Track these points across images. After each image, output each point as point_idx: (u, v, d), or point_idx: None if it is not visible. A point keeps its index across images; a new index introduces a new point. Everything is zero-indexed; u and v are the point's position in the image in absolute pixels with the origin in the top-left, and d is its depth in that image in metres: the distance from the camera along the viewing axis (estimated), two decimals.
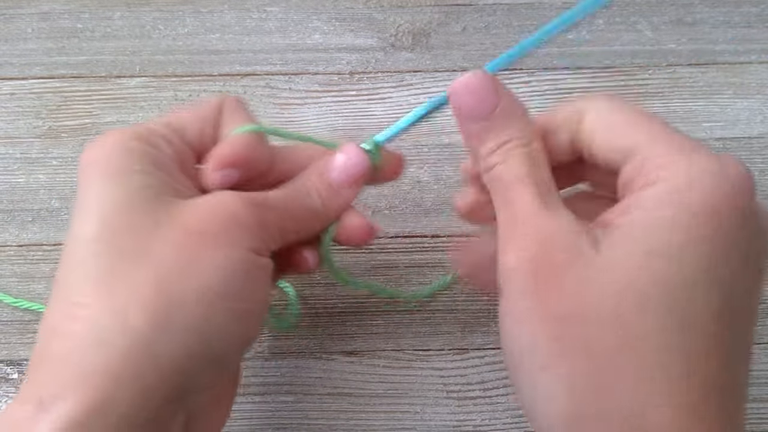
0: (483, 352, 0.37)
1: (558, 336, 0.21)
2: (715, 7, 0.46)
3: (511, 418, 0.35)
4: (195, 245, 0.24)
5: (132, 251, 0.24)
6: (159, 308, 0.23)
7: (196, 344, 0.23)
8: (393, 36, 0.46)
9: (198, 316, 0.23)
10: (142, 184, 0.25)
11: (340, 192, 0.29)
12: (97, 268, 0.24)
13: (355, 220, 0.30)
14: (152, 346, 0.23)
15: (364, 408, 0.36)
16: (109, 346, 0.22)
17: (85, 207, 0.25)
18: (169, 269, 0.24)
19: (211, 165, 0.28)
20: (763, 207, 0.23)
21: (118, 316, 0.23)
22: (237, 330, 0.25)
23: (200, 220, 0.25)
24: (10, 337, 0.38)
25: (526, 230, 0.23)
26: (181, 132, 0.29)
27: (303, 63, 0.45)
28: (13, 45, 0.46)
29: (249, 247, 0.25)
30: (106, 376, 0.22)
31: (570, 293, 0.22)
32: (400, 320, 0.38)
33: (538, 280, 0.22)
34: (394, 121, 0.43)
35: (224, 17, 0.46)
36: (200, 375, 0.24)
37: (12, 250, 0.40)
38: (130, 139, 0.27)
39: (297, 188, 0.29)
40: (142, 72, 0.45)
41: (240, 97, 0.31)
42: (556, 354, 0.21)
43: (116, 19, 0.46)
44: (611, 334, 0.21)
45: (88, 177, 0.26)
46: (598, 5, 0.25)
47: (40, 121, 0.43)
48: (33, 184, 0.41)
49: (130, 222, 0.24)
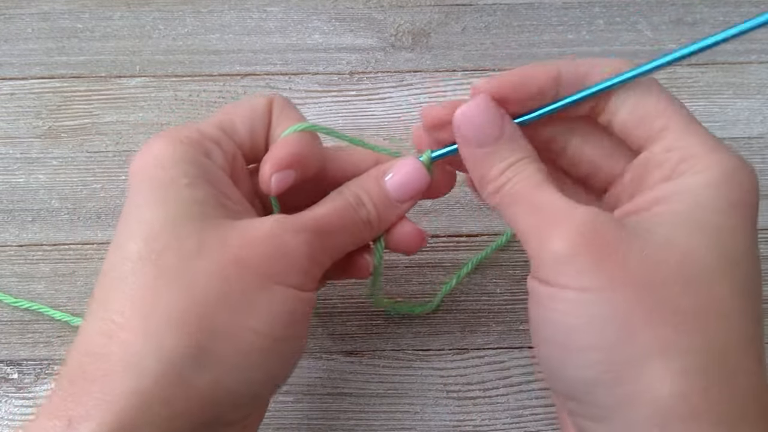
0: (483, 352, 0.37)
1: (638, 301, 0.22)
2: (715, 7, 0.46)
3: (510, 418, 0.35)
4: (240, 278, 0.24)
5: (174, 274, 0.23)
6: (196, 338, 0.22)
7: (230, 379, 0.23)
8: (393, 36, 0.46)
9: (235, 352, 0.23)
10: (189, 200, 0.25)
11: (397, 205, 0.29)
12: (137, 288, 0.23)
13: (407, 227, 0.30)
14: (185, 375, 0.22)
15: (364, 408, 0.36)
16: (140, 369, 0.22)
17: (130, 220, 0.25)
18: (211, 299, 0.23)
19: (268, 168, 0.27)
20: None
21: (153, 341, 0.22)
22: (274, 368, 0.25)
23: (248, 251, 0.24)
24: (10, 337, 0.38)
25: (566, 222, 0.23)
26: (231, 133, 0.28)
27: (303, 63, 0.45)
28: (13, 45, 0.46)
29: (296, 284, 0.25)
30: (134, 400, 0.22)
31: (637, 266, 0.22)
32: (400, 320, 0.38)
33: (597, 259, 0.22)
34: (394, 120, 0.43)
35: (224, 17, 0.46)
36: (232, 409, 0.24)
37: (12, 250, 0.40)
38: (180, 144, 0.26)
39: (348, 199, 0.28)
40: (142, 72, 0.45)
41: (287, 98, 0.30)
42: (640, 320, 0.22)
43: (116, 19, 0.46)
44: (692, 297, 0.22)
45: (135, 187, 0.25)
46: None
47: (40, 121, 0.43)
48: (33, 184, 0.41)
49: (174, 242, 0.24)
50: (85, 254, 0.40)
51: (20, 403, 0.36)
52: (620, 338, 0.22)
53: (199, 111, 0.43)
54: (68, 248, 0.40)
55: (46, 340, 0.38)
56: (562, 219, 0.23)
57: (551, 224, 0.24)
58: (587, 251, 0.22)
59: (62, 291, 0.39)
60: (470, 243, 0.39)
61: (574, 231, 0.23)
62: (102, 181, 0.41)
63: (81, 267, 0.39)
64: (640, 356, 0.21)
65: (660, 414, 0.21)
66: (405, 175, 0.28)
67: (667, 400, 0.21)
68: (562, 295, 0.23)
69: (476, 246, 0.39)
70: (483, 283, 0.39)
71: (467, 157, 0.26)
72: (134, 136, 0.43)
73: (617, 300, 0.22)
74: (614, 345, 0.22)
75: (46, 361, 0.37)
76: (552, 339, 0.24)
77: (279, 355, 0.25)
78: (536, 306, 0.24)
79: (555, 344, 0.23)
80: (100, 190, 0.41)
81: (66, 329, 0.38)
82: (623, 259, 0.22)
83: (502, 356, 0.37)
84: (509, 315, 0.38)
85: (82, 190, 0.41)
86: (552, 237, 0.23)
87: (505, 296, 0.38)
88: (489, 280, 0.39)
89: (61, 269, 0.39)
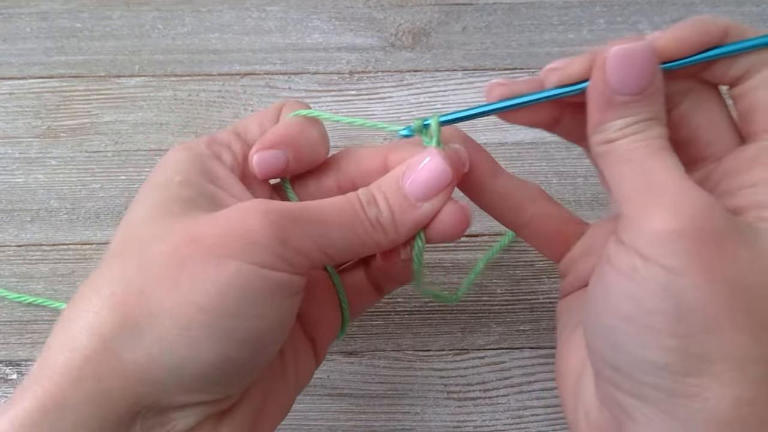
0: (483, 353, 0.37)
1: (729, 299, 0.21)
2: (717, 7, 0.46)
3: (511, 419, 0.35)
4: (190, 255, 0.23)
5: (131, 259, 0.24)
6: (133, 315, 0.22)
7: (167, 356, 0.22)
8: (393, 35, 0.46)
9: (174, 328, 0.22)
10: (174, 197, 0.25)
11: (417, 205, 0.26)
12: (98, 275, 0.24)
13: (446, 208, 0.26)
14: (117, 350, 0.22)
15: (364, 409, 0.36)
16: (75, 345, 0.22)
17: (123, 218, 0.26)
18: (156, 277, 0.23)
19: (253, 149, 0.27)
20: None
21: (90, 318, 0.22)
22: (225, 348, 0.23)
23: (205, 229, 0.24)
24: (9, 337, 0.38)
25: (678, 200, 0.22)
26: (244, 134, 0.29)
27: (303, 62, 0.45)
28: (12, 44, 0.45)
29: (253, 260, 0.23)
30: (65, 375, 0.22)
31: (743, 262, 0.21)
32: (400, 320, 0.38)
33: (701, 247, 0.21)
34: (394, 120, 0.43)
35: (223, 16, 0.46)
36: (178, 390, 0.23)
37: (11, 250, 0.40)
38: (186, 150, 0.27)
39: (354, 196, 0.26)
40: (141, 71, 0.45)
41: (301, 101, 0.30)
42: (726, 318, 0.21)
43: (115, 18, 0.46)
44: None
45: (140, 189, 0.26)
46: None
47: (39, 120, 0.43)
48: (32, 184, 0.41)
49: (145, 234, 0.24)
50: (84, 254, 0.39)
51: None
52: (701, 331, 0.21)
53: (199, 111, 0.43)
54: (67, 248, 0.40)
55: (45, 341, 0.37)
56: (675, 195, 0.22)
57: (661, 196, 0.22)
58: (693, 237, 0.21)
59: (61, 291, 0.38)
60: (470, 243, 0.39)
61: (685, 212, 0.22)
62: (101, 181, 0.41)
63: (80, 267, 0.39)
64: (715, 354, 0.21)
65: (721, 413, 0.21)
66: (421, 171, 0.26)
67: (732, 401, 0.21)
68: (649, 271, 0.22)
69: (476, 246, 0.39)
70: (483, 283, 0.38)
71: (596, 97, 0.24)
72: (133, 136, 0.43)
73: (709, 292, 0.21)
74: (693, 336, 0.21)
75: None
76: (625, 312, 0.22)
77: (229, 333, 0.23)
78: (615, 273, 0.23)
79: (626, 318, 0.22)
80: (99, 190, 0.41)
81: None
82: (729, 256, 0.21)
83: (502, 357, 0.37)
84: (510, 315, 0.38)
85: (81, 190, 0.41)
86: (658, 210, 0.22)
87: (506, 296, 0.38)
88: (490, 281, 0.39)
89: (60, 269, 0.39)
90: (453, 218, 0.27)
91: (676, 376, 0.21)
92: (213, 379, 0.23)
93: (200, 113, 0.43)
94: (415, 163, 0.26)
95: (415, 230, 0.26)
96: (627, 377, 0.23)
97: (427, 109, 0.43)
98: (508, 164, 0.41)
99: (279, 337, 0.25)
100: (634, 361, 0.22)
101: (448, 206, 0.26)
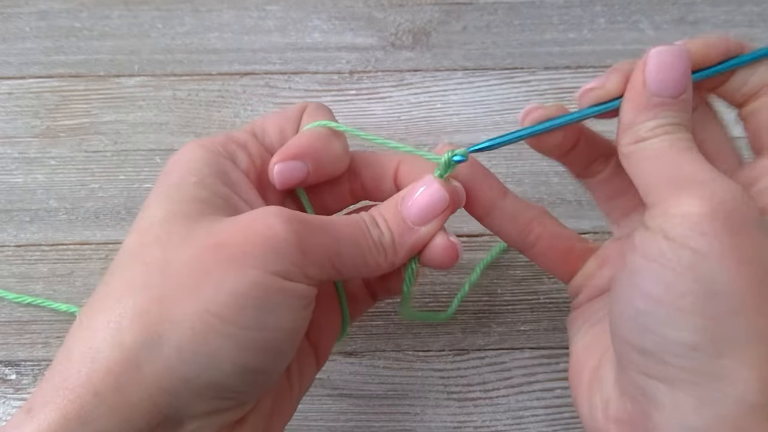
0: (483, 353, 0.37)
1: (756, 283, 0.21)
2: (717, 6, 0.46)
3: (511, 419, 0.35)
4: (213, 262, 0.23)
5: (153, 265, 0.23)
6: (151, 323, 0.22)
7: (186, 366, 0.22)
8: (393, 35, 0.46)
9: (192, 338, 0.22)
10: (190, 198, 0.25)
11: (415, 229, 0.27)
12: (117, 279, 0.24)
13: (438, 239, 0.27)
14: (137, 362, 0.22)
15: (364, 409, 0.36)
16: (98, 357, 0.22)
17: (137, 217, 0.25)
18: (179, 286, 0.23)
19: (273, 158, 0.27)
20: None
21: (112, 328, 0.22)
22: (243, 359, 0.23)
23: (228, 236, 0.23)
24: (8, 337, 0.38)
25: (709, 187, 0.22)
26: (261, 136, 0.28)
27: (302, 62, 0.45)
28: (11, 44, 0.45)
29: (274, 270, 0.23)
30: (87, 388, 0.22)
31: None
32: (400, 321, 0.38)
33: (732, 231, 0.22)
34: (394, 120, 0.43)
35: (223, 16, 0.46)
36: (194, 399, 0.23)
37: (10, 250, 0.40)
38: (201, 148, 0.26)
39: (362, 216, 0.27)
40: (140, 71, 0.44)
41: (322, 104, 0.30)
42: (752, 302, 0.21)
43: (114, 18, 0.46)
44: None
45: (153, 187, 0.26)
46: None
47: (38, 120, 0.43)
48: (31, 184, 0.41)
49: (164, 236, 0.24)
50: (84, 254, 0.39)
51: (18, 404, 0.36)
52: (729, 312, 0.21)
53: (198, 110, 0.43)
54: (66, 248, 0.39)
55: (44, 341, 0.37)
56: (705, 182, 0.23)
57: (690, 183, 0.23)
58: (725, 220, 0.22)
59: (60, 291, 0.38)
60: (471, 243, 0.39)
61: (717, 198, 0.22)
62: (100, 181, 0.41)
63: (79, 267, 0.39)
64: (743, 336, 0.21)
65: (749, 397, 0.21)
66: (417, 197, 0.27)
67: (760, 385, 0.21)
68: (677, 253, 0.22)
69: (477, 246, 0.39)
70: (484, 283, 0.38)
71: (634, 97, 0.25)
72: (133, 136, 0.42)
73: (737, 275, 0.21)
74: (721, 317, 0.21)
75: (45, 362, 0.37)
76: (656, 295, 0.22)
77: (248, 344, 0.23)
78: (642, 258, 0.23)
79: (656, 301, 0.22)
80: (98, 189, 0.41)
81: (65, 330, 0.37)
82: (757, 242, 0.22)
83: (503, 357, 0.37)
84: (510, 316, 0.38)
85: (81, 190, 0.41)
86: (688, 195, 0.22)
87: (506, 297, 0.38)
88: (490, 281, 0.38)
89: (59, 269, 0.39)
90: (444, 250, 0.27)
91: (706, 357, 0.22)
92: (231, 387, 0.24)
93: (200, 113, 0.43)
94: (413, 189, 0.27)
95: (411, 253, 0.27)
96: (656, 361, 0.23)
97: (427, 108, 0.43)
98: (509, 164, 0.41)
99: (294, 345, 0.25)
100: (664, 342, 0.22)
101: (442, 237, 0.27)
